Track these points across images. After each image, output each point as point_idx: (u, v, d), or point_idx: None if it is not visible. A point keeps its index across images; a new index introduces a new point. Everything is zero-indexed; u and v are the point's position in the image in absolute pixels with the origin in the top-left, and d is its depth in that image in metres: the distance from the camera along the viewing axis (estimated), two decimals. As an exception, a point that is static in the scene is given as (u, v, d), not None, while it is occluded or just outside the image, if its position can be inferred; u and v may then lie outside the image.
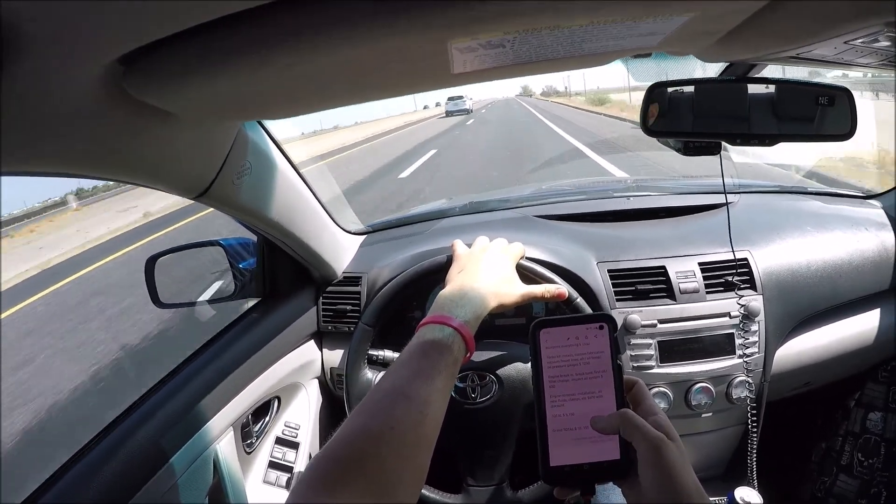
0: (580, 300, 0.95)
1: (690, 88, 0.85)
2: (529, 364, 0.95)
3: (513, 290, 0.83)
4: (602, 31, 0.46)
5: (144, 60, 0.42)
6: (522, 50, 0.49)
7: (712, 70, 0.94)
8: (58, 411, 3.74)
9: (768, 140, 0.84)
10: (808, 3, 0.46)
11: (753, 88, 0.83)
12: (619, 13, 0.43)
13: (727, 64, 0.91)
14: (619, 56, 0.60)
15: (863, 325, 1.22)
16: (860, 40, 0.55)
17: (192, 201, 0.79)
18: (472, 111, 37.74)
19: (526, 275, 0.93)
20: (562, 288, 0.92)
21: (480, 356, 0.96)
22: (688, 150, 0.92)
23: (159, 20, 0.36)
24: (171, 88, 0.47)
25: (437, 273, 0.97)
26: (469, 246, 0.92)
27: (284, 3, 0.37)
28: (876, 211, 1.32)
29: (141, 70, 0.43)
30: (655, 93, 0.84)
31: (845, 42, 0.56)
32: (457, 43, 0.44)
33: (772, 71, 0.90)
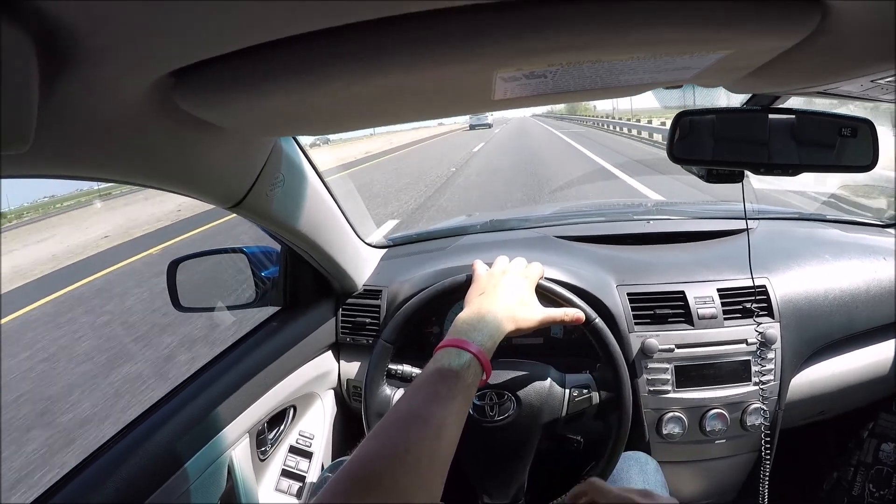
0: (598, 321, 0.95)
1: (712, 116, 0.86)
2: (547, 384, 0.96)
3: (531, 315, 0.83)
4: (641, 65, 0.48)
5: (197, 75, 0.43)
6: (562, 80, 0.50)
7: (736, 99, 0.95)
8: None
9: (791, 170, 0.85)
10: (838, 45, 0.47)
11: (773, 117, 0.84)
12: (659, 50, 0.44)
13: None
14: (653, 87, 0.61)
15: (878, 356, 1.21)
16: (886, 80, 0.56)
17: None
18: (492, 125, 42.30)
19: (545, 295, 0.94)
20: (580, 312, 0.92)
21: (499, 375, 0.96)
22: (711, 177, 0.93)
23: (218, 39, 0.37)
24: (220, 103, 0.48)
25: (456, 292, 0.97)
26: (489, 265, 0.92)
27: (344, 28, 0.38)
28: (894, 240, 1.32)
29: (192, 84, 0.44)
30: (681, 120, 0.85)
31: (872, 80, 0.58)
32: (502, 72, 0.45)
33: (794, 98, 0.91)
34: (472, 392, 0.66)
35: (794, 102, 0.92)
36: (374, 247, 1.40)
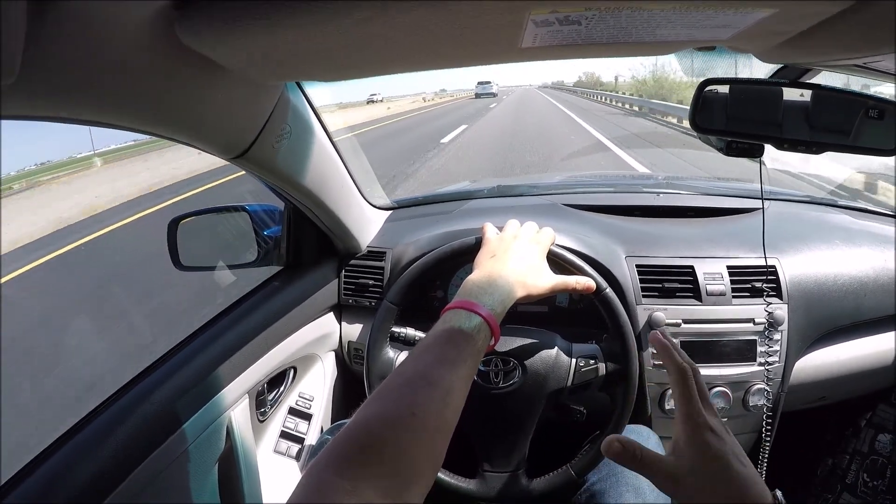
0: (609, 291, 0.94)
1: (738, 86, 0.83)
2: (554, 353, 0.94)
3: (541, 281, 0.81)
4: (680, 17, 0.45)
5: (201, 4, 0.40)
6: (596, 30, 0.47)
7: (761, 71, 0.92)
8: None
9: (815, 147, 0.83)
10: (884, 15, 0.44)
11: (792, 93, 0.82)
12: (703, 1, 0.42)
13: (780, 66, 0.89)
14: (686, 46, 0.59)
15: (882, 345, 1.20)
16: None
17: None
18: (497, 95, 42.71)
19: (555, 262, 0.92)
20: (591, 281, 0.90)
21: (506, 342, 0.95)
22: (730, 150, 0.90)
23: None
24: (226, 38, 0.45)
25: (465, 255, 0.95)
26: (500, 230, 0.90)
27: None
28: None
29: (197, 15, 0.41)
30: (706, 89, 0.82)
31: None
32: (535, 14, 0.43)
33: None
34: (480, 357, 0.65)
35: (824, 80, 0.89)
36: (379, 208, 1.38)
